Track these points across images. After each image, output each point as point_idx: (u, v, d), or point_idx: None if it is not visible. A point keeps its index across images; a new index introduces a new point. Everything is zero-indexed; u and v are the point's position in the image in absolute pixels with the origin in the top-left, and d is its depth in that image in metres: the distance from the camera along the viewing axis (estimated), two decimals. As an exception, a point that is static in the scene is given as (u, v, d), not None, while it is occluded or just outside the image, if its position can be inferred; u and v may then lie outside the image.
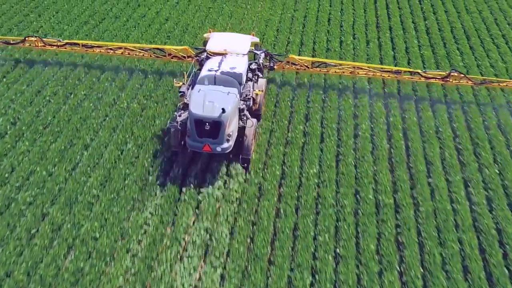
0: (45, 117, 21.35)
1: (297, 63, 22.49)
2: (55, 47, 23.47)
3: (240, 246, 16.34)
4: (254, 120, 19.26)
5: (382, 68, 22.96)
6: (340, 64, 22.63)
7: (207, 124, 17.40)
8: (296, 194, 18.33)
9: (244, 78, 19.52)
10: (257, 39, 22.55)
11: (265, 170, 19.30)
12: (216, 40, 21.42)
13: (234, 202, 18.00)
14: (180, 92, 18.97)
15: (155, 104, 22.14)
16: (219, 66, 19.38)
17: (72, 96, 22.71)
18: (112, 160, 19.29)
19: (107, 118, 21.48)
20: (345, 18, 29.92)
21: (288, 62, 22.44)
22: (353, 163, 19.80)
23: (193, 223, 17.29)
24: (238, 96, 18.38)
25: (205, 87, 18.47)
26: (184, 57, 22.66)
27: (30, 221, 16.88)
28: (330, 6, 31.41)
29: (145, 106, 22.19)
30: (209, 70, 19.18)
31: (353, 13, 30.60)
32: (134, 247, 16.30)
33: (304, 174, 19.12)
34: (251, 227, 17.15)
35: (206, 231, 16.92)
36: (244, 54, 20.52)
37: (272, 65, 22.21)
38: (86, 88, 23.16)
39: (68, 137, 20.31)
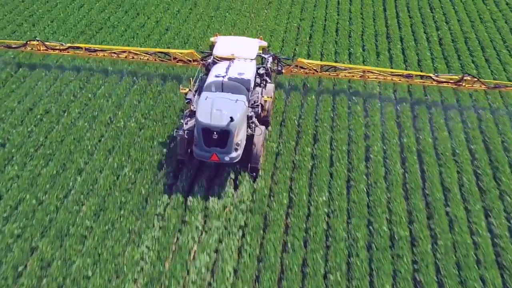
0: (36, 138, 20.06)
1: (305, 67, 21.82)
2: (57, 51, 22.86)
3: (244, 286, 15.07)
4: (263, 127, 18.59)
5: (392, 72, 22.29)
6: (350, 68, 22.01)
7: (215, 133, 16.80)
8: (304, 225, 17.03)
9: (253, 84, 18.94)
10: (265, 43, 21.91)
11: (271, 197, 18.02)
12: (223, 45, 20.76)
13: (237, 233, 16.75)
14: (187, 99, 18.38)
15: (154, 123, 20.84)
16: (226, 72, 18.78)
17: (65, 114, 21.41)
18: (107, 187, 18.01)
19: (102, 139, 20.20)
20: (353, 28, 28.57)
21: (297, 66, 21.82)
22: (365, 189, 18.50)
23: (193, 257, 16.02)
24: (246, 103, 17.81)
25: (213, 94, 17.82)
26: (190, 61, 22.02)
27: (17, 256, 15.60)
28: (338, 15, 30.04)
29: (143, 125, 20.90)
30: (216, 76, 18.56)
31: (362, 23, 29.23)
32: (130, 287, 15.01)
33: (312, 203, 17.81)
34: (256, 264, 15.87)
35: (207, 268, 15.65)
36: (252, 59, 19.92)
37: (280, 69, 21.57)
38: (81, 105, 21.88)
39: (60, 161, 19.02)
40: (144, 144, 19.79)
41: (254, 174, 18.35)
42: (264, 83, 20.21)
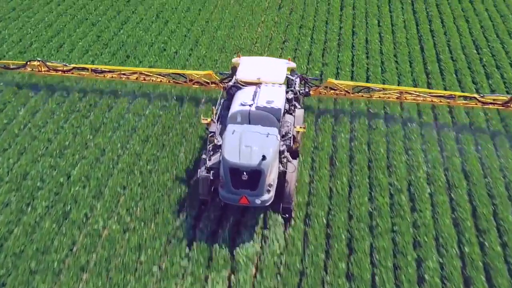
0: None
1: (336, 88, 20.14)
2: (60, 72, 21.13)
3: None
4: (295, 162, 16.72)
5: (432, 93, 20.57)
6: (385, 89, 20.34)
7: (244, 173, 15.03)
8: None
9: (283, 113, 17.16)
10: (293, 64, 19.94)
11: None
12: (247, 67, 19.05)
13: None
14: (210, 132, 16.63)
15: (142, 225, 16.17)
16: (253, 100, 17.07)
17: (29, 209, 16.75)
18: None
19: (72, 252, 15.50)
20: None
21: (326, 86, 20.18)
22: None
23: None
24: (278, 137, 16.04)
25: (240, 128, 16.06)
26: (208, 83, 20.38)
27: None
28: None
29: (128, 228, 16.22)
30: (242, 105, 16.83)
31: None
32: None
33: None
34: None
35: None
36: (280, 84, 18.18)
37: (307, 90, 19.88)
38: (49, 197, 17.12)
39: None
40: (128, 260, 15.05)
41: (287, 215, 16.44)
42: (293, 108, 18.21)
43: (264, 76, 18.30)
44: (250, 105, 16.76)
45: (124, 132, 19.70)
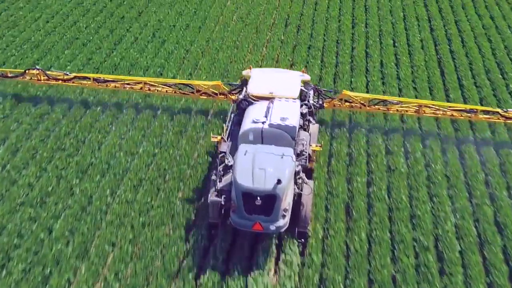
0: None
1: (351, 100, 19.29)
2: (60, 81, 20.25)
3: None
4: (311, 183, 15.77)
5: (452, 106, 19.62)
6: (402, 102, 19.49)
7: (258, 198, 14.16)
8: None
9: (297, 130, 16.12)
10: (307, 77, 18.95)
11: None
12: (259, 80, 18.14)
13: None
14: (221, 152, 15.74)
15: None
16: (266, 116, 16.13)
17: (3, 273, 14.62)
18: None
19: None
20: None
21: (341, 99, 19.31)
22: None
23: None
24: (294, 158, 15.06)
25: (253, 148, 15.10)
26: (216, 94, 19.63)
27: None
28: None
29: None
30: (254, 122, 15.96)
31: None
32: None
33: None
34: None
35: None
36: (295, 98, 17.18)
37: (321, 103, 18.80)
38: (26, 258, 14.77)
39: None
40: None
41: (303, 240, 15.55)
42: (307, 123, 17.20)
43: (277, 90, 17.35)
44: (262, 123, 15.87)
45: (115, 175, 17.60)
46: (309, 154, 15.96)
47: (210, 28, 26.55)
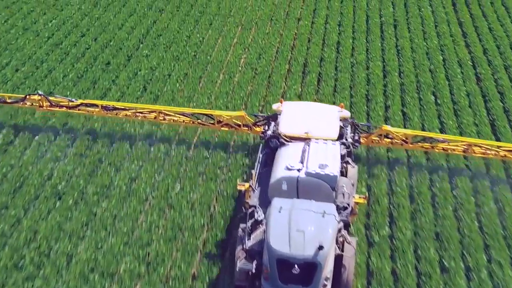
0: None
1: (392, 136, 17.60)
2: (65, 108, 18.66)
3: None
4: (354, 241, 13.95)
5: (503, 147, 17.75)
6: (449, 140, 17.85)
7: (295, 266, 12.36)
8: None
9: (338, 179, 14.59)
10: (347, 113, 17.17)
11: None
12: (291, 116, 16.37)
13: None
14: (250, 206, 14.20)
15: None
16: (302, 162, 14.56)
17: None
18: None
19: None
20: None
21: (380, 134, 17.61)
22: None
23: None
24: (337, 216, 13.37)
25: (289, 204, 13.33)
26: (239, 125, 17.96)
27: None
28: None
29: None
30: (288, 169, 14.37)
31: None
32: None
33: None
34: None
35: None
36: (334, 140, 15.54)
37: (357, 138, 16.96)
38: None
39: None
40: None
41: None
42: (346, 166, 15.58)
43: (314, 130, 15.65)
44: (298, 170, 14.24)
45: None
46: (352, 207, 14.26)
47: (212, 78, 22.07)
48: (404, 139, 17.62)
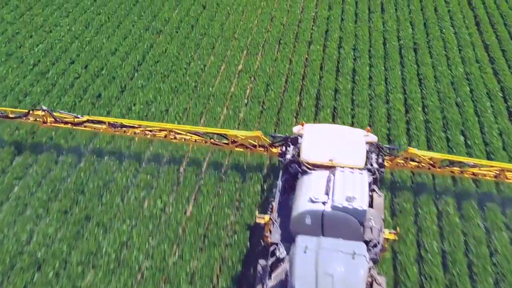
0: None
1: (418, 160, 16.39)
2: (70, 125, 17.64)
3: None
4: (383, 282, 12.60)
5: None
6: (480, 165, 16.57)
7: None
8: None
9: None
10: (374, 138, 15.61)
11: None
12: (314, 142, 14.94)
13: None
14: (272, 244, 13.12)
15: None
16: (327, 193, 13.25)
17: None
18: None
19: None
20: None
21: (406, 158, 16.40)
22: None
23: None
24: (367, 256, 12.05)
25: (315, 243, 12.03)
26: (254, 146, 16.87)
27: None
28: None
29: None
30: (312, 201, 13.09)
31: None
32: None
33: None
34: None
35: None
36: (361, 169, 14.01)
37: (381, 161, 15.42)
38: None
39: None
40: None
41: None
42: (371, 194, 14.16)
43: (339, 157, 14.31)
44: (323, 203, 13.12)
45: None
46: (382, 244, 13.27)
47: (215, 115, 19.80)
48: (432, 163, 16.48)
